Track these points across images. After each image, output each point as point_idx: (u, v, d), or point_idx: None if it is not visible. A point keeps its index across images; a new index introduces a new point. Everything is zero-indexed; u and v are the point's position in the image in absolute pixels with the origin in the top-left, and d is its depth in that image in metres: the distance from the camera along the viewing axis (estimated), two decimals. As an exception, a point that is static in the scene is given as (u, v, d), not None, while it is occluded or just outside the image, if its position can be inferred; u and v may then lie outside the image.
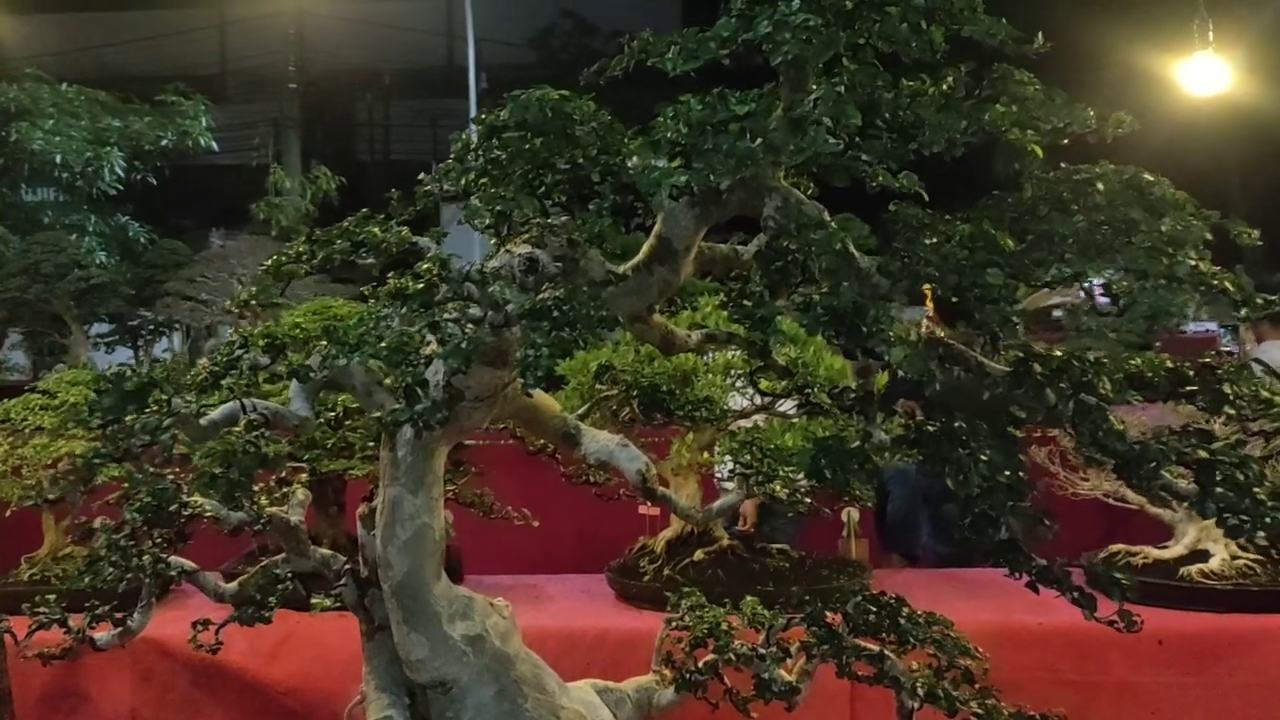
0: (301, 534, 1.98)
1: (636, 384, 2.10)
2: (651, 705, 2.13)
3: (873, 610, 1.84)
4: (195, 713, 3.89)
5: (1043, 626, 3.97)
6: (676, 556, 4.00)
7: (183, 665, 3.84)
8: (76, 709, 3.80)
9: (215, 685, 3.84)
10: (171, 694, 3.84)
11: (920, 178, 1.81)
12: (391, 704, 1.95)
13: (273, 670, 3.82)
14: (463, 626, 1.95)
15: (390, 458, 1.86)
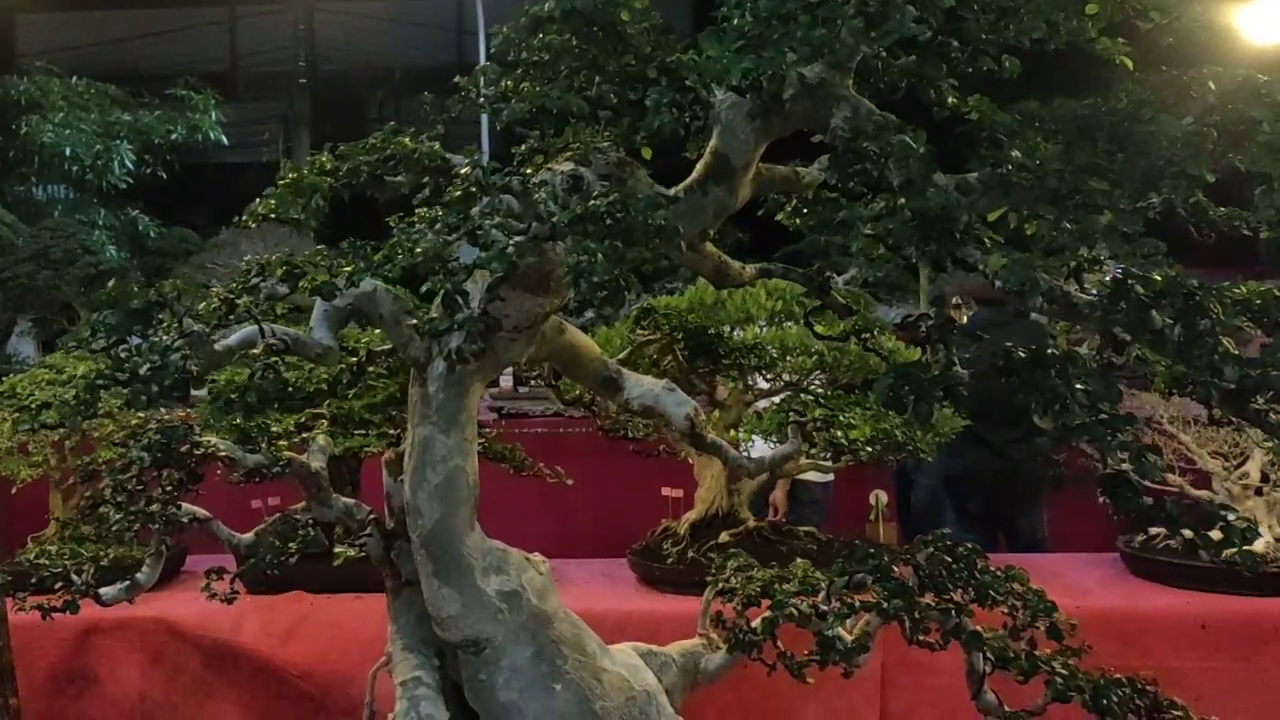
0: (323, 481, 1.80)
1: (682, 326, 1.93)
2: (699, 670, 1.95)
3: (947, 561, 1.66)
4: (207, 695, 3.72)
5: (1080, 610, 3.77)
6: (701, 539, 3.83)
7: (194, 646, 3.67)
8: (84, 691, 3.64)
9: (227, 667, 3.67)
10: (182, 676, 3.67)
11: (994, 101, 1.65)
12: (420, 665, 1.78)
13: (287, 652, 3.65)
14: (497, 581, 1.78)
15: (420, 395, 1.68)
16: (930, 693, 3.76)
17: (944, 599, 1.64)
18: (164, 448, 1.58)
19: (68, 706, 3.62)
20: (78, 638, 3.63)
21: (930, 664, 3.80)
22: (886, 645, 3.82)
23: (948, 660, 3.77)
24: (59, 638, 3.62)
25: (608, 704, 1.77)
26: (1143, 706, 1.68)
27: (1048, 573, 4.17)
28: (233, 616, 3.72)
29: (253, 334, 1.48)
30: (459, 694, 1.81)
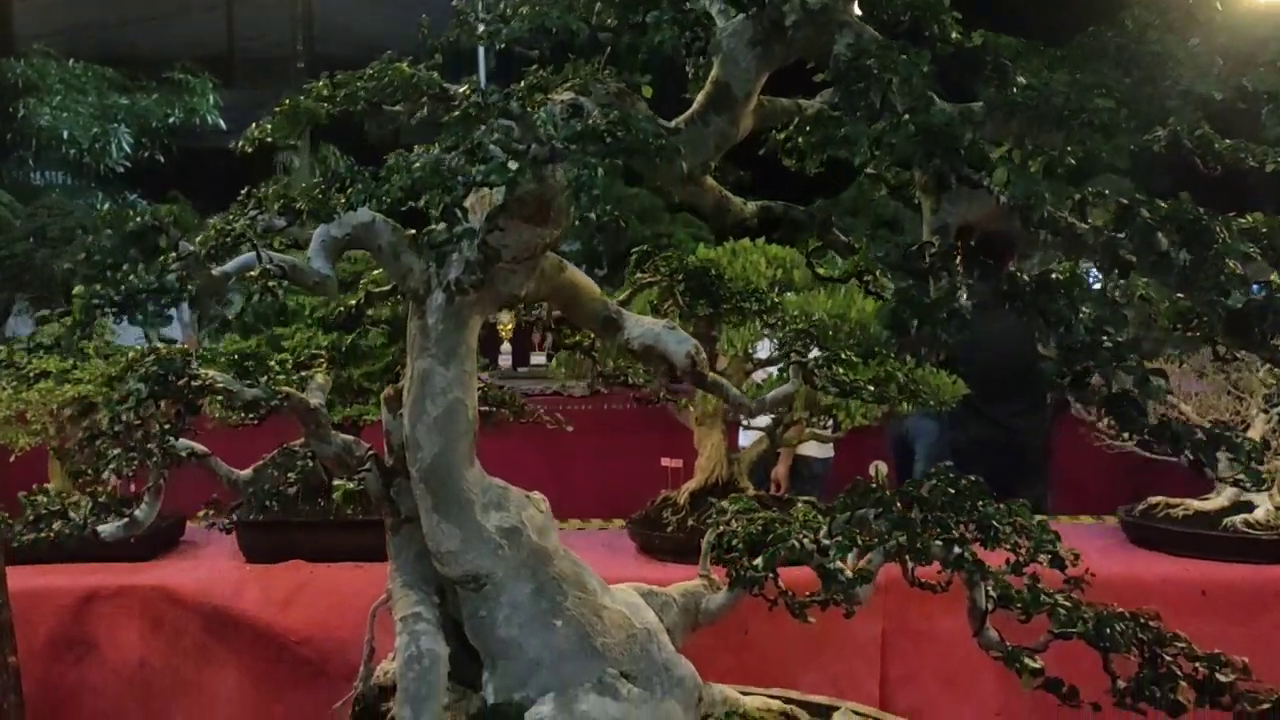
0: (322, 417, 1.79)
1: (683, 269, 1.91)
2: (699, 610, 1.94)
3: (950, 494, 1.65)
4: (207, 661, 3.71)
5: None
6: (701, 508, 3.82)
7: (193, 612, 3.66)
8: (84, 657, 3.62)
9: (228, 633, 3.66)
10: (182, 641, 3.66)
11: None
12: (419, 601, 1.77)
13: (287, 619, 3.63)
14: (497, 517, 1.76)
15: (419, 326, 1.67)
16: (930, 659, 3.76)
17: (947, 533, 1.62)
18: (161, 379, 1.57)
19: (67, 673, 3.61)
20: (77, 604, 3.61)
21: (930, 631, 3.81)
22: (886, 612, 3.82)
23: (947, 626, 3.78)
24: (58, 605, 3.61)
25: (608, 640, 1.76)
26: (1145, 640, 1.67)
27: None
28: (232, 584, 3.71)
29: (250, 260, 1.46)
30: (459, 631, 1.80)
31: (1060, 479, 5.21)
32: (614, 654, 1.76)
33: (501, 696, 1.76)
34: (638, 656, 1.78)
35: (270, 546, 3.79)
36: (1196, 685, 1.65)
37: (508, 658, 1.77)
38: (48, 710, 3.52)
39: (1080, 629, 1.63)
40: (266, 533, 3.85)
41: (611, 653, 1.76)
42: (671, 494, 4.03)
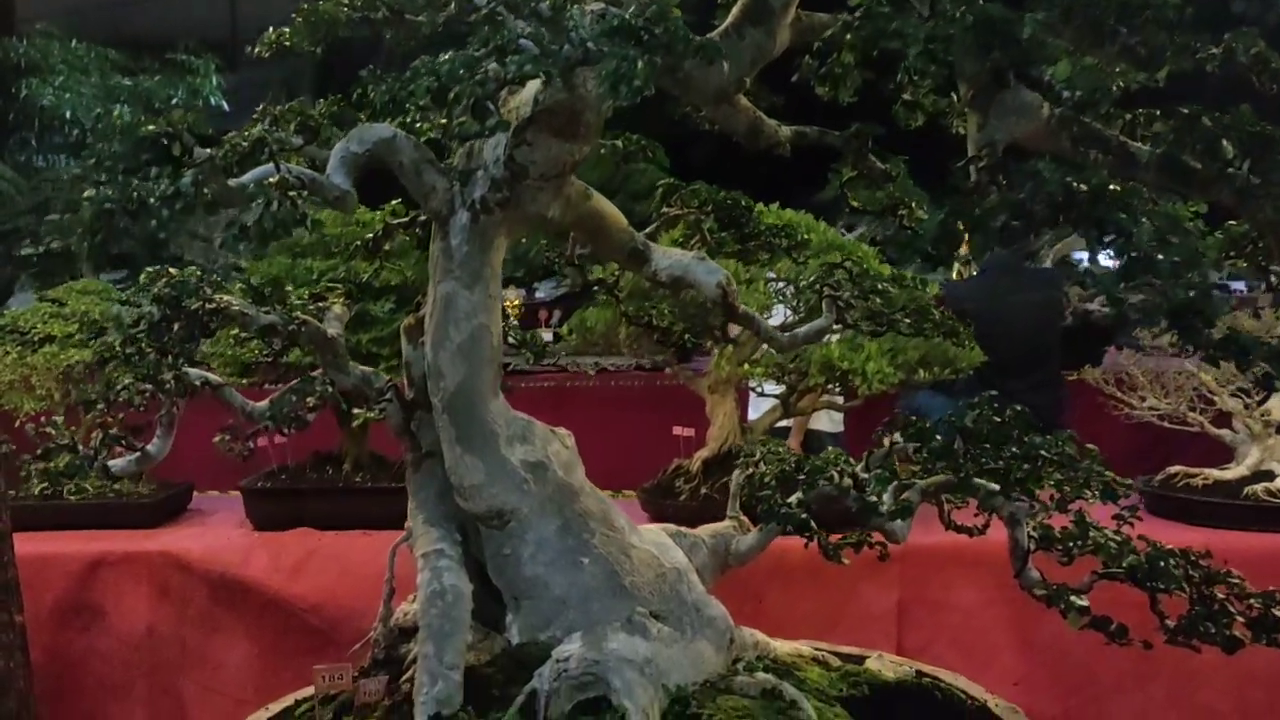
0: (339, 347, 1.71)
1: (712, 198, 1.84)
2: (729, 552, 1.87)
3: (996, 421, 1.57)
4: (215, 628, 3.65)
5: (1101, 543, 3.74)
6: (713, 476, 3.75)
7: (201, 580, 3.60)
8: (91, 624, 3.56)
9: (236, 601, 3.60)
10: (190, 609, 3.60)
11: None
12: (441, 538, 1.70)
13: (295, 586, 3.57)
14: (522, 451, 1.69)
15: (443, 249, 1.59)
16: (947, 629, 3.69)
17: (994, 462, 1.55)
18: (175, 302, 1.50)
19: (75, 639, 3.55)
20: (84, 571, 3.55)
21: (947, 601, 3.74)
22: (903, 581, 3.75)
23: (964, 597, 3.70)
24: (65, 570, 3.55)
25: (637, 579, 1.70)
26: (1196, 578, 1.60)
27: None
28: (240, 551, 3.65)
29: (267, 170, 1.39)
30: (481, 572, 1.73)
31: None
32: (643, 593, 1.69)
33: (526, 636, 1.69)
34: (667, 596, 1.71)
35: (278, 514, 3.73)
36: (1250, 622, 1.58)
37: (533, 597, 1.70)
38: (54, 677, 3.46)
39: (1132, 563, 1.56)
40: (274, 500, 3.79)
41: (640, 592, 1.69)
42: (684, 462, 3.96)
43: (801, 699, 1.63)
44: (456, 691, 1.58)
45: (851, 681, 1.78)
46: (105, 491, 3.84)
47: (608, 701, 1.55)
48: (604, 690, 1.56)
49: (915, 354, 3.71)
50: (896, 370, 3.70)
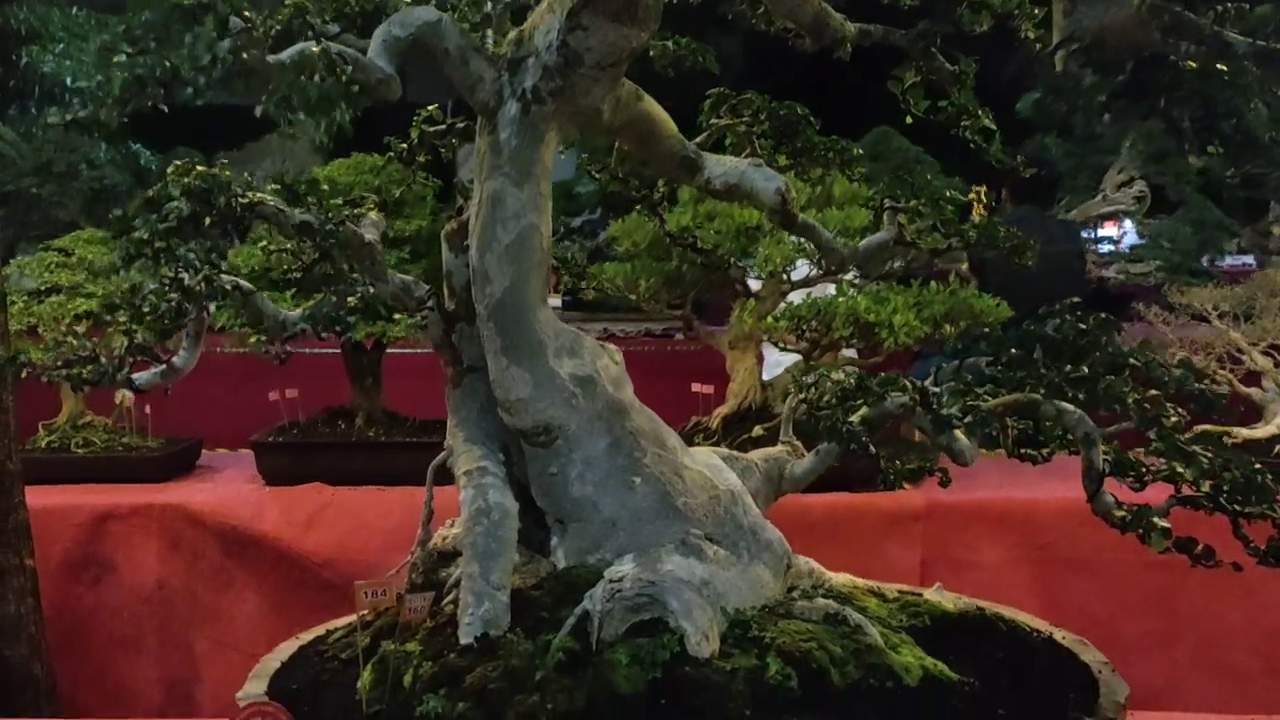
0: (377, 254, 1.61)
1: (766, 108, 1.73)
2: (783, 477, 1.77)
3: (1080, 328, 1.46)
4: (226, 583, 3.55)
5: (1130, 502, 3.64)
6: (734, 433, 3.66)
7: (213, 534, 3.50)
8: (101, 578, 3.46)
9: (248, 555, 3.50)
10: (201, 563, 3.50)
11: None
12: (485, 455, 1.59)
13: (308, 541, 3.48)
14: (571, 364, 1.59)
15: (490, 144, 1.48)
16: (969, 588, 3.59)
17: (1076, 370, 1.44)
18: (204, 196, 1.39)
19: (85, 593, 3.45)
20: (94, 524, 3.46)
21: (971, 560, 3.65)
22: (926, 540, 3.67)
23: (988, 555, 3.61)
24: (74, 523, 3.45)
25: (690, 501, 1.60)
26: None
27: (1090, 468, 4.00)
28: (252, 505, 3.56)
29: (307, 47, 1.29)
30: (524, 494, 1.63)
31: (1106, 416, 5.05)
32: (696, 515, 1.60)
33: (573, 560, 1.59)
34: (722, 519, 1.62)
35: (290, 468, 3.63)
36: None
37: (581, 519, 1.60)
38: (64, 630, 3.36)
39: (1229, 480, 1.46)
40: (286, 454, 3.69)
41: (694, 514, 1.59)
42: (703, 419, 3.86)
43: (866, 624, 1.54)
44: (504, 612, 1.48)
45: (911, 612, 1.69)
46: (113, 445, 3.74)
47: (664, 624, 1.45)
48: (660, 612, 1.46)
49: (941, 307, 3.61)
50: (922, 324, 3.60)
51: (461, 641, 1.47)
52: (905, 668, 1.48)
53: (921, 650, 1.54)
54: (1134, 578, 3.49)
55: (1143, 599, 3.44)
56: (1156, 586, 3.45)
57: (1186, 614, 3.47)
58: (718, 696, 1.38)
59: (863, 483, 3.56)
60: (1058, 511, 3.51)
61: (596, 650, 1.44)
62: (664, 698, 1.38)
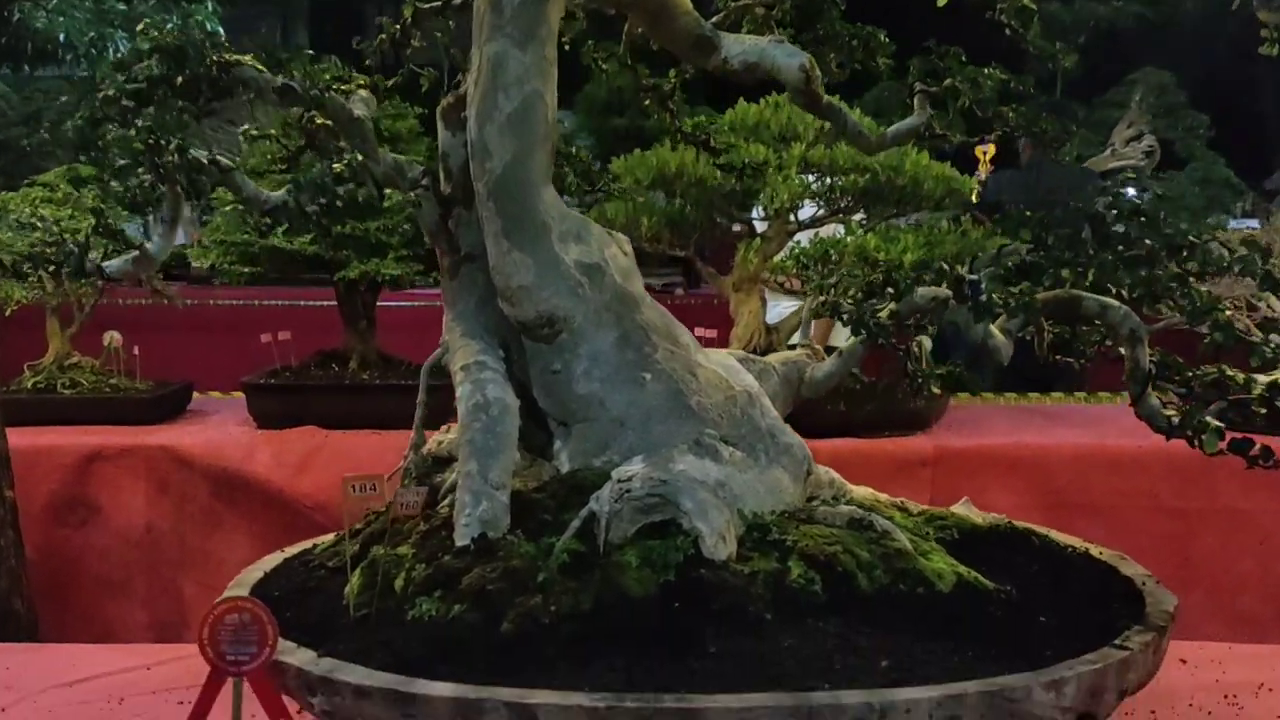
0: (367, 130, 1.47)
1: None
2: (802, 381, 1.65)
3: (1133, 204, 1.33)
4: (216, 526, 3.43)
5: (1141, 450, 3.52)
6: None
7: (202, 476, 3.37)
8: (87, 520, 3.33)
9: (237, 498, 3.38)
10: (190, 506, 3.38)
11: None
12: (484, 350, 1.46)
13: (300, 484, 3.35)
14: (577, 251, 1.46)
15: (491, 2, 1.35)
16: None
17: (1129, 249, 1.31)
18: (178, 55, 1.25)
19: (71, 536, 3.32)
20: (79, 464, 3.32)
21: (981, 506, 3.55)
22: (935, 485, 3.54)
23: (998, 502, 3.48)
24: (60, 464, 3.32)
25: (704, 400, 1.47)
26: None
27: (1104, 418, 3.89)
28: (243, 447, 3.43)
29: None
30: (526, 396, 1.50)
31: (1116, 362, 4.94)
32: (711, 415, 1.47)
33: (578, 463, 1.47)
34: (738, 420, 1.49)
35: (282, 411, 3.50)
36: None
37: (587, 418, 1.47)
38: (50, 573, 3.24)
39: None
40: (278, 397, 3.56)
41: (708, 414, 1.47)
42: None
43: (894, 530, 1.41)
44: (503, 513, 1.36)
45: (938, 526, 1.56)
46: (101, 386, 3.60)
47: (677, 525, 1.33)
48: (672, 513, 1.34)
49: (953, 247, 3.47)
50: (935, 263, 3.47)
51: (458, 544, 1.35)
52: (937, 574, 1.35)
53: (953, 559, 1.41)
54: (1146, 524, 3.38)
55: (1155, 545, 3.32)
56: (1169, 533, 3.35)
57: (1199, 560, 3.36)
58: (736, 599, 1.26)
59: (869, 429, 3.45)
60: (1071, 457, 3.40)
61: (604, 553, 1.32)
62: (678, 601, 1.26)
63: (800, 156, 3.52)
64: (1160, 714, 1.63)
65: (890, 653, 1.20)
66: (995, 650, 1.22)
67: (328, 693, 1.19)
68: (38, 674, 1.81)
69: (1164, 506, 3.44)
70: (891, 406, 3.59)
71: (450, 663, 1.18)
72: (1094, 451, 3.48)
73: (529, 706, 1.08)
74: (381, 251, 3.52)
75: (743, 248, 3.71)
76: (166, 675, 1.78)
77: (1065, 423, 3.83)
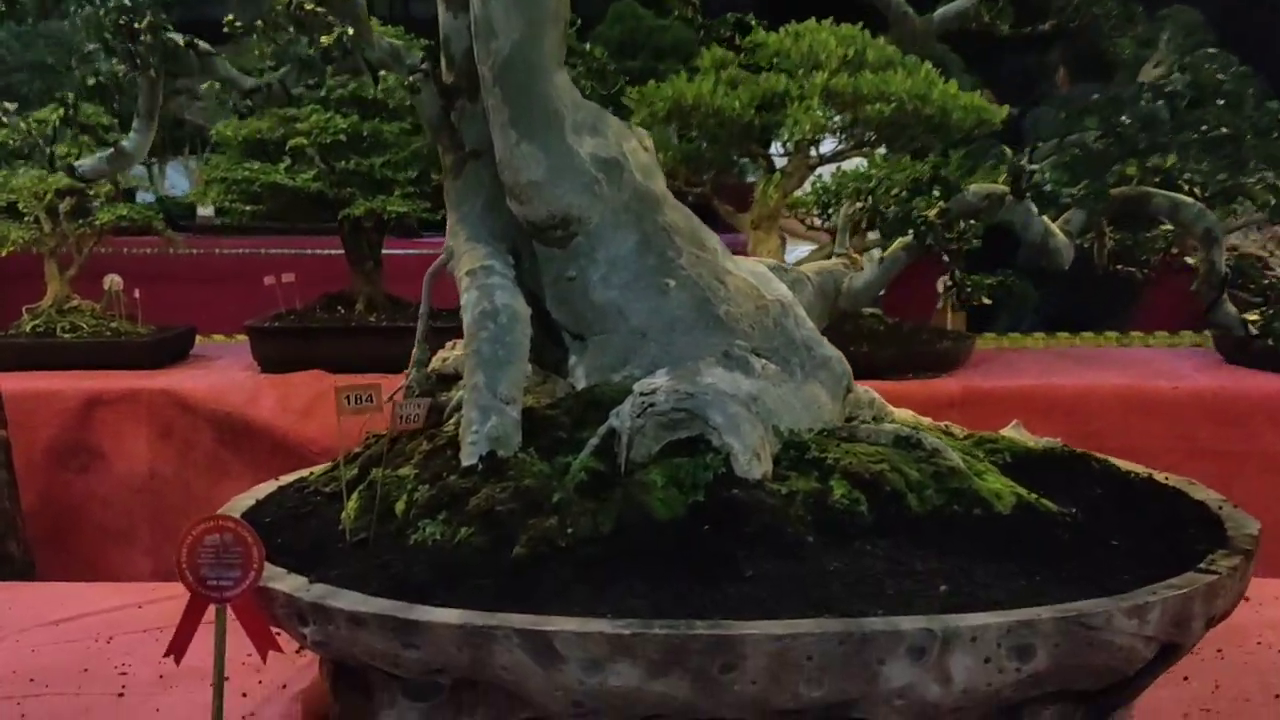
0: (361, 10, 1.33)
1: None
2: (839, 291, 1.51)
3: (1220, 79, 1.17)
4: (222, 472, 3.32)
5: (1178, 391, 3.37)
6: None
7: (206, 421, 3.26)
8: (88, 466, 3.23)
9: (242, 443, 3.26)
10: (194, 452, 3.26)
11: None
12: (491, 254, 1.32)
13: (306, 428, 3.23)
14: (593, 143, 1.31)
15: None
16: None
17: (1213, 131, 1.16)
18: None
19: (72, 481, 3.22)
20: (80, 409, 3.21)
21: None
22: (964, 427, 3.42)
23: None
24: (60, 408, 3.20)
25: (733, 310, 1.33)
26: None
27: (1138, 360, 3.74)
28: (247, 392, 3.31)
29: None
30: (538, 309, 1.36)
31: (1151, 303, 4.78)
32: (741, 326, 1.33)
33: (595, 379, 1.33)
34: (770, 331, 1.35)
35: (287, 355, 3.37)
36: None
37: (604, 329, 1.33)
38: (51, 520, 3.13)
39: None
40: (283, 340, 3.43)
41: (738, 324, 1.32)
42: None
43: (945, 448, 1.28)
44: (514, 429, 1.22)
45: (989, 449, 1.42)
46: (101, 330, 3.49)
47: (706, 442, 1.19)
48: (700, 429, 1.20)
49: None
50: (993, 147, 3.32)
51: (464, 463, 1.21)
52: (995, 494, 1.22)
53: (1010, 480, 1.28)
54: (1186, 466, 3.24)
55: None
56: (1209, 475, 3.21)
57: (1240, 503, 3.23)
58: (774, 520, 1.12)
59: (893, 371, 3.31)
60: (1108, 398, 3.25)
61: (625, 472, 1.18)
62: (708, 523, 1.13)
63: (823, 85, 3.34)
64: (1228, 653, 1.51)
65: (948, 577, 1.06)
66: (1064, 575, 1.08)
67: (320, 621, 1.06)
68: (22, 612, 1.70)
69: (1203, 449, 3.29)
70: (916, 348, 3.46)
71: (455, 589, 1.05)
72: (1130, 393, 3.33)
73: (544, 634, 0.96)
74: (387, 188, 3.38)
75: (762, 183, 3.55)
76: (158, 613, 1.66)
77: (1098, 364, 3.68)
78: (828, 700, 0.96)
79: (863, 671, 0.95)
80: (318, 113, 3.32)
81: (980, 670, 0.96)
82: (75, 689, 1.43)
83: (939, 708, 0.98)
